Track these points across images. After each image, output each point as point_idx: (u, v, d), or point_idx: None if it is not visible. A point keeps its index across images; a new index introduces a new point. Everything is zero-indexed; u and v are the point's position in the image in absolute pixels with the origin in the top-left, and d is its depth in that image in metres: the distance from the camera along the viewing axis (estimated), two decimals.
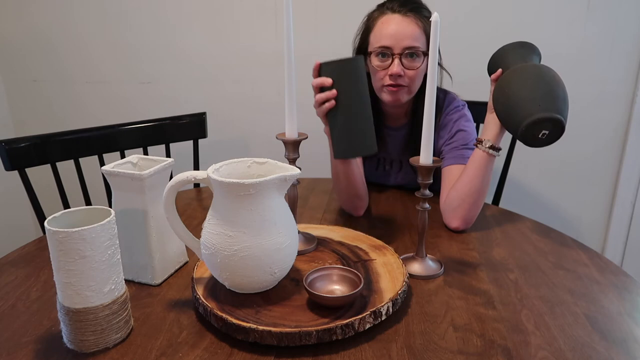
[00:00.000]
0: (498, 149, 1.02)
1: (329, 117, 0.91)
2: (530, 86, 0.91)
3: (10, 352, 0.68)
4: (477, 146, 1.04)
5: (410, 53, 1.09)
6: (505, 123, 0.96)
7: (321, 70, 0.89)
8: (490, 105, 1.02)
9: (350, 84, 0.87)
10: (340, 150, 0.91)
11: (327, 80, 0.88)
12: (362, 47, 1.17)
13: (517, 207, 1.32)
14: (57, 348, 0.69)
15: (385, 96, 1.14)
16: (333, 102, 0.88)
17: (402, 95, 1.13)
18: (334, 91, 0.88)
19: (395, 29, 1.08)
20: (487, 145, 1.01)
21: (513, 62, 0.99)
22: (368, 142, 0.89)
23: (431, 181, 0.85)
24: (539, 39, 1.60)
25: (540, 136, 0.90)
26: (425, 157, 0.83)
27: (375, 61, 1.11)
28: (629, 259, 1.78)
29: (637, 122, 1.64)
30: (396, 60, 1.08)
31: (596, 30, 1.59)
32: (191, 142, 1.52)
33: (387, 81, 1.11)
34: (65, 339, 0.69)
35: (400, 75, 1.09)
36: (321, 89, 0.90)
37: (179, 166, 0.89)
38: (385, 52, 1.09)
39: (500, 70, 1.01)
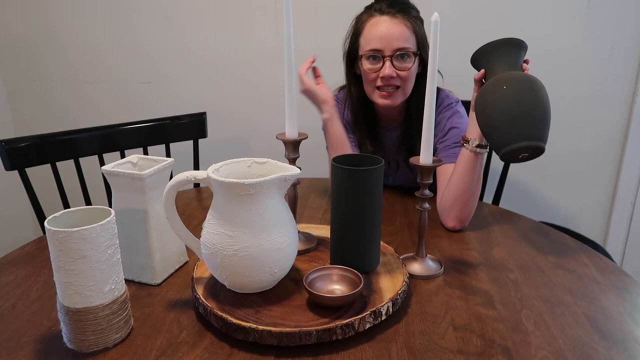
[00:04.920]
0: (485, 146, 0.99)
1: (331, 223, 0.85)
2: (510, 111, 0.87)
3: (10, 352, 0.68)
4: (463, 145, 1.01)
5: (401, 54, 1.08)
6: (487, 139, 0.93)
7: (332, 170, 0.82)
8: (473, 104, 0.98)
9: (356, 195, 0.80)
10: (336, 261, 0.86)
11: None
12: (352, 51, 1.16)
13: (517, 207, 1.32)
14: (57, 348, 0.69)
15: (379, 99, 1.14)
16: None
17: (396, 98, 1.13)
18: None
19: (384, 31, 1.08)
20: (474, 145, 0.99)
21: (496, 66, 0.94)
22: (367, 260, 0.83)
23: (431, 181, 0.85)
24: (539, 39, 1.59)
25: (520, 157, 0.89)
26: (425, 157, 0.83)
27: (366, 64, 1.11)
28: (629, 259, 1.78)
29: (637, 121, 1.64)
30: (387, 63, 1.08)
31: (596, 30, 1.59)
32: (191, 142, 1.52)
33: (379, 82, 1.11)
34: (65, 339, 0.69)
35: (392, 77, 1.09)
36: None
37: (179, 166, 0.89)
38: (376, 55, 1.09)
39: (483, 71, 0.96)
